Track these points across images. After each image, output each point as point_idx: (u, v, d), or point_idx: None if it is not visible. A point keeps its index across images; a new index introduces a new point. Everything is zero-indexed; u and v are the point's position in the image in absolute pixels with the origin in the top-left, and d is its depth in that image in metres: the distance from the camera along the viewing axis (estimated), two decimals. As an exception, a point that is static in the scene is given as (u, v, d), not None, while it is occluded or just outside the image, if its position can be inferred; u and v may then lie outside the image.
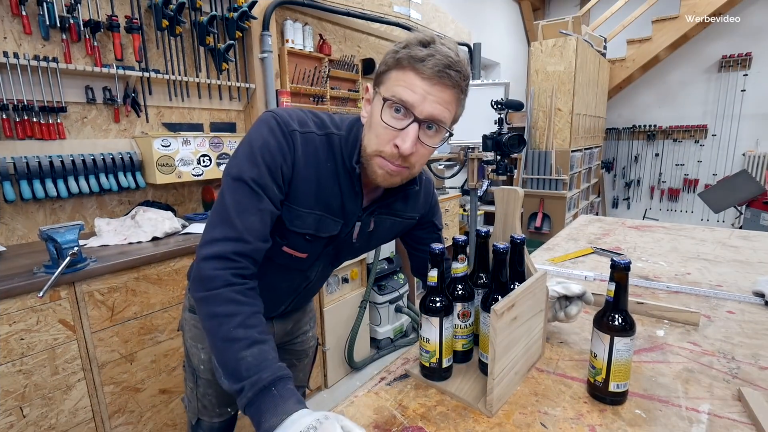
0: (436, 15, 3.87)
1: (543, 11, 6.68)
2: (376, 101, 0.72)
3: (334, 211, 0.80)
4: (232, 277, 0.67)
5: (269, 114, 0.74)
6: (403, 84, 0.67)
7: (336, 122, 0.80)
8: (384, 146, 0.71)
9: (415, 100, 0.67)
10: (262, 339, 0.65)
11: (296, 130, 0.74)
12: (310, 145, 0.75)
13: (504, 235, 0.82)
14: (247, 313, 0.66)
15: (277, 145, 0.71)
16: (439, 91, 0.67)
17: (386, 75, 0.70)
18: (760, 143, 5.32)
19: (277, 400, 0.60)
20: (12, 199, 1.53)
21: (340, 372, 2.46)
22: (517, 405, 0.71)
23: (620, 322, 0.67)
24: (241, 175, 0.70)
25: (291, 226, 0.78)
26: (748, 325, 0.98)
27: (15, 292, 1.17)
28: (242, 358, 0.62)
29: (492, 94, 2.41)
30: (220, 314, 0.65)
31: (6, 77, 1.52)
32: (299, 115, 0.76)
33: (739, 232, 1.80)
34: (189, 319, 1.00)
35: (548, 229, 4.30)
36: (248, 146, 0.72)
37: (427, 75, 0.66)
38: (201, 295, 0.67)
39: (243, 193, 0.70)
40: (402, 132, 0.69)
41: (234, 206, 0.69)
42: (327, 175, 0.77)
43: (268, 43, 2.28)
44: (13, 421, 1.20)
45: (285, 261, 0.84)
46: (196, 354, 1.00)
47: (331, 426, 0.54)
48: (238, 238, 0.68)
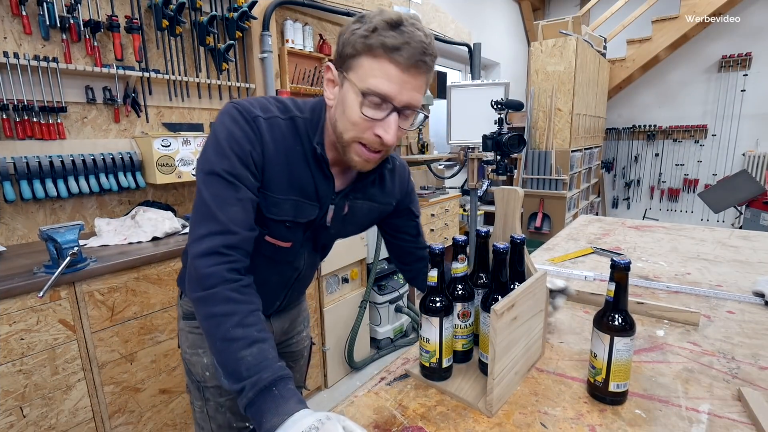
0: (436, 15, 3.87)
1: (543, 11, 6.67)
2: (347, 89, 0.69)
3: (308, 195, 0.80)
4: (227, 273, 0.67)
5: (230, 105, 0.74)
6: (379, 75, 0.65)
7: (299, 106, 0.80)
8: (363, 134, 0.70)
9: (394, 91, 0.66)
10: (262, 337, 0.65)
11: (259, 116, 0.73)
12: (276, 130, 0.75)
13: (504, 235, 0.82)
14: (245, 311, 0.66)
15: (243, 134, 0.71)
16: (414, 77, 0.67)
17: (356, 61, 0.67)
18: (760, 143, 5.32)
19: (279, 400, 0.59)
20: (12, 199, 1.53)
21: (340, 372, 2.46)
22: (517, 405, 0.71)
23: (620, 322, 0.67)
24: (214, 169, 0.69)
25: (269, 213, 0.77)
26: (748, 325, 0.98)
27: (15, 292, 1.17)
28: (242, 358, 0.62)
29: (492, 94, 2.41)
30: (218, 314, 0.64)
31: (6, 77, 1.52)
32: (261, 102, 0.76)
33: (739, 232, 1.80)
34: (184, 327, 0.97)
35: (548, 229, 4.30)
36: (214, 139, 0.71)
37: (403, 65, 0.64)
38: (198, 295, 0.67)
39: (219, 186, 0.69)
40: (383, 122, 0.68)
41: (213, 200, 0.69)
42: (297, 160, 0.77)
43: (268, 43, 2.28)
44: (13, 421, 1.20)
45: (271, 253, 0.84)
46: (198, 362, 0.96)
47: (333, 426, 0.54)
48: (224, 230, 0.68)
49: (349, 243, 2.38)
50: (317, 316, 2.27)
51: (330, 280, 2.32)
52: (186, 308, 0.97)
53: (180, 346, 1.01)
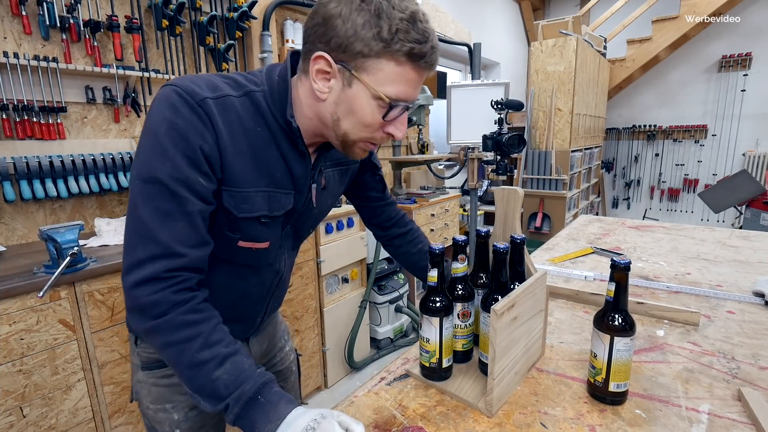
0: (436, 15, 3.87)
1: (543, 11, 6.67)
2: (359, 91, 0.61)
3: (280, 183, 0.70)
4: (174, 295, 0.58)
5: (167, 88, 0.60)
6: (402, 83, 0.61)
7: (251, 78, 0.68)
8: (375, 134, 0.66)
9: (410, 94, 0.64)
10: (231, 351, 0.60)
11: (207, 97, 0.60)
12: (230, 112, 0.63)
13: (504, 235, 0.82)
14: (207, 331, 0.59)
15: (188, 124, 0.58)
16: (424, 77, 0.65)
17: (373, 62, 0.59)
18: (760, 143, 5.32)
19: (267, 407, 0.57)
20: (12, 199, 1.53)
21: (340, 372, 2.46)
22: (517, 405, 0.71)
23: (620, 322, 0.67)
24: (153, 175, 0.57)
25: (241, 212, 0.66)
26: (748, 325, 0.98)
27: (15, 292, 1.17)
28: (217, 379, 0.57)
29: (492, 94, 2.41)
30: (178, 341, 0.58)
31: (6, 77, 1.52)
32: (207, 80, 0.63)
33: (739, 232, 1.80)
34: (145, 380, 0.81)
35: (548, 229, 4.30)
36: (151, 136, 0.59)
37: (423, 68, 0.62)
38: (148, 326, 0.58)
39: (160, 197, 0.58)
40: (396, 121, 0.66)
41: (152, 216, 0.58)
42: (261, 143, 0.66)
43: (268, 43, 2.28)
44: (13, 421, 1.20)
45: (248, 260, 0.74)
46: (165, 419, 0.81)
47: (328, 425, 0.53)
48: (167, 254, 0.58)
49: (349, 243, 2.38)
50: (317, 316, 2.27)
51: (330, 280, 2.32)
52: (145, 355, 0.80)
53: (137, 400, 0.85)
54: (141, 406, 0.84)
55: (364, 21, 0.57)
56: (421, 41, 0.59)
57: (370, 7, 0.57)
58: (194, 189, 0.60)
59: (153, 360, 0.80)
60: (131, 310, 0.60)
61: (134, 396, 0.86)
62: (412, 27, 0.58)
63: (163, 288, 0.58)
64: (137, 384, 0.83)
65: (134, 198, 0.59)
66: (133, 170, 0.60)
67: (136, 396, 0.85)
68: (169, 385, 0.80)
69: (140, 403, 0.84)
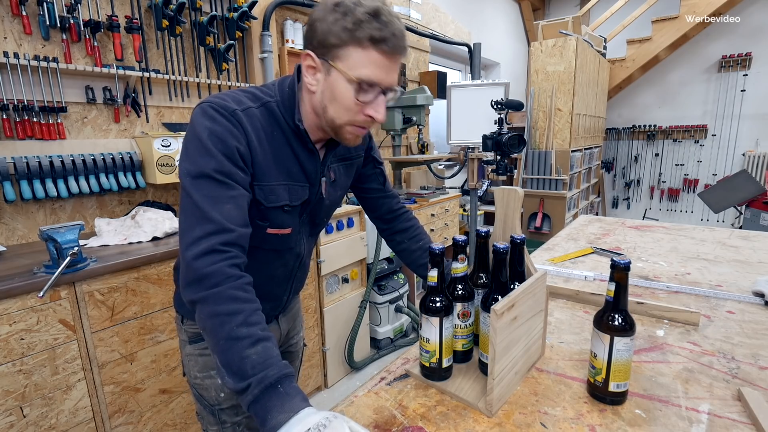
0: (436, 15, 3.87)
1: (543, 11, 6.67)
2: (336, 78, 0.72)
3: (296, 177, 0.83)
4: (229, 269, 0.66)
5: (204, 104, 0.73)
6: (368, 65, 0.70)
7: (266, 91, 0.82)
8: (356, 117, 0.75)
9: (382, 77, 0.72)
10: (265, 336, 0.65)
11: (236, 109, 0.74)
12: (254, 120, 0.76)
13: (504, 235, 0.82)
14: (249, 310, 0.65)
15: (225, 129, 0.71)
16: (396, 62, 0.73)
17: (343, 51, 0.70)
18: (760, 143, 5.32)
19: (284, 398, 0.59)
20: (12, 199, 1.53)
21: (340, 372, 2.46)
22: (517, 405, 0.71)
23: (620, 322, 0.67)
24: (202, 171, 0.69)
25: (269, 202, 0.79)
26: (748, 325, 0.98)
27: (15, 292, 1.17)
28: (247, 356, 0.62)
29: (492, 94, 2.41)
30: (222, 313, 0.64)
31: (6, 77, 1.52)
32: (233, 96, 0.77)
33: (739, 232, 1.80)
34: (192, 352, 0.94)
35: (548, 229, 4.30)
36: (196, 141, 0.71)
37: (389, 53, 0.71)
38: (202, 295, 0.65)
39: (210, 187, 0.69)
40: (373, 104, 0.75)
41: (204, 201, 0.68)
42: (278, 145, 0.79)
43: (268, 43, 2.28)
44: (13, 421, 1.20)
45: (273, 245, 0.86)
46: (211, 384, 0.93)
47: (339, 425, 0.54)
48: (221, 229, 0.67)
49: (349, 243, 2.38)
50: (317, 316, 2.27)
51: (330, 280, 2.32)
52: (191, 331, 0.94)
53: (186, 373, 0.97)
54: (190, 378, 0.96)
55: (335, 19, 0.69)
56: (381, 28, 0.69)
57: (341, 8, 0.69)
58: (235, 179, 0.71)
59: (198, 334, 0.92)
60: (190, 282, 0.66)
61: (184, 370, 0.98)
62: (373, 18, 0.69)
63: (220, 260, 0.66)
64: (186, 357, 0.96)
65: (186, 189, 0.69)
66: (182, 169, 0.71)
67: (186, 369, 0.97)
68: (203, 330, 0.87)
69: (189, 375, 0.96)
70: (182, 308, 0.95)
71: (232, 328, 0.63)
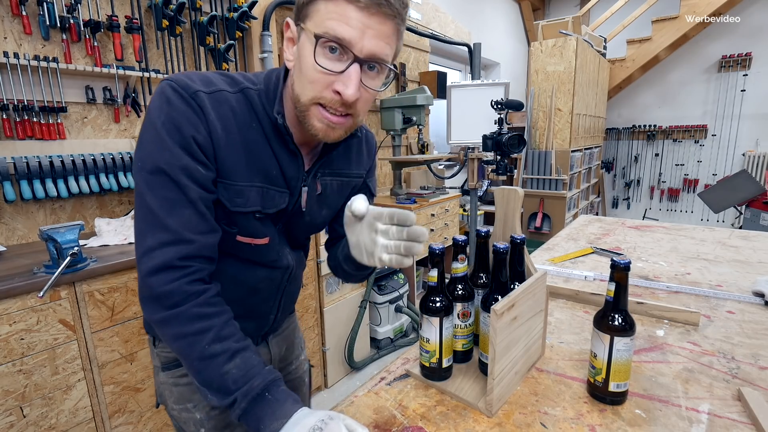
0: (436, 15, 3.87)
1: (543, 11, 6.67)
2: (303, 40, 0.60)
3: (274, 180, 0.69)
4: (188, 286, 0.59)
5: (164, 82, 0.62)
6: (336, 17, 0.56)
7: (250, 78, 0.69)
8: (322, 92, 0.60)
9: (353, 36, 0.56)
10: (242, 347, 0.60)
11: (200, 90, 0.62)
12: (224, 106, 0.63)
13: (504, 235, 0.82)
14: (219, 324, 0.60)
15: (181, 115, 0.60)
16: (379, 23, 0.57)
17: (312, 6, 0.58)
18: (760, 143, 5.32)
19: (274, 405, 0.57)
20: (12, 199, 1.53)
21: (340, 372, 2.46)
22: (517, 405, 0.71)
23: (620, 322, 0.67)
24: (156, 166, 0.59)
25: (234, 206, 0.66)
26: (748, 325, 0.98)
27: (15, 292, 1.17)
28: (226, 373, 0.58)
29: (492, 94, 2.41)
30: (189, 333, 0.58)
31: (6, 77, 1.52)
32: (202, 76, 0.64)
33: (739, 232, 1.80)
34: (166, 381, 0.82)
35: (548, 229, 4.30)
36: (150, 128, 0.60)
37: (363, 3, 0.55)
38: (161, 316, 0.59)
39: (165, 187, 0.59)
40: (342, 75, 0.59)
41: (159, 205, 0.59)
42: (254, 139, 0.66)
43: (268, 43, 2.28)
44: (13, 421, 1.20)
45: (250, 255, 0.74)
46: (189, 418, 0.81)
47: (336, 426, 0.53)
48: (177, 240, 0.59)
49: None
50: (317, 316, 2.27)
51: (330, 280, 2.32)
52: (164, 355, 0.81)
53: (161, 402, 0.85)
54: (167, 409, 0.84)
55: None
56: None
57: None
58: (194, 177, 0.61)
59: (172, 359, 0.80)
60: (146, 300, 0.60)
61: (159, 399, 0.85)
62: None
63: (177, 278, 0.59)
64: (160, 386, 0.83)
65: (140, 188, 0.61)
66: (137, 162, 0.61)
67: (161, 399, 0.84)
68: (189, 383, 0.80)
69: (166, 405, 0.83)
70: (152, 329, 0.82)
71: (204, 347, 0.58)
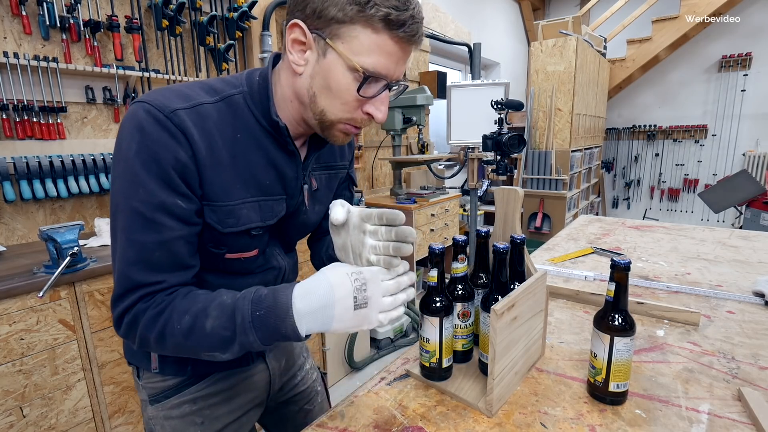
0: (436, 15, 3.87)
1: (543, 11, 6.67)
2: (333, 61, 0.58)
3: (270, 190, 0.67)
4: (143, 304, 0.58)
5: (135, 105, 0.57)
6: (377, 52, 0.56)
7: (230, 81, 0.65)
8: (354, 113, 0.62)
9: (391, 69, 0.59)
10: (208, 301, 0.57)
11: (179, 108, 0.57)
12: (207, 121, 0.59)
13: (504, 235, 0.82)
14: (177, 304, 0.58)
15: (156, 143, 0.55)
16: (408, 52, 0.60)
17: (347, 29, 0.55)
18: (760, 143, 5.32)
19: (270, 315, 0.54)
20: (12, 199, 1.53)
21: (340, 372, 2.46)
22: (517, 405, 0.71)
23: (620, 322, 0.67)
24: (129, 204, 0.56)
25: (225, 227, 0.63)
26: (748, 325, 0.98)
27: (15, 292, 1.17)
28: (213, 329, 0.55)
29: (492, 94, 2.41)
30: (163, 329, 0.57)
31: (6, 77, 1.52)
32: (178, 90, 0.60)
33: (739, 232, 1.80)
34: (156, 415, 0.76)
35: (548, 229, 4.30)
36: (121, 162, 0.56)
37: (405, 40, 0.57)
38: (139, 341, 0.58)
39: (132, 228, 0.56)
40: (375, 100, 0.61)
41: (125, 249, 0.57)
42: (244, 149, 0.63)
43: (268, 43, 2.28)
44: (13, 421, 1.20)
45: (238, 268, 0.71)
46: None
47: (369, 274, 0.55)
48: (142, 284, 0.57)
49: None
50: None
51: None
52: (151, 387, 0.76)
53: None
54: None
55: None
56: (399, 8, 0.55)
57: None
58: (173, 213, 0.57)
59: (159, 390, 0.75)
60: (125, 338, 0.61)
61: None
62: None
63: (136, 310, 0.58)
64: (149, 422, 0.78)
65: (113, 229, 0.59)
66: (111, 200, 0.59)
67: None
68: (181, 415, 0.76)
69: None
70: (134, 358, 0.76)
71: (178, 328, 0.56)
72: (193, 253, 0.62)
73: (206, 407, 0.77)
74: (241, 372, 0.82)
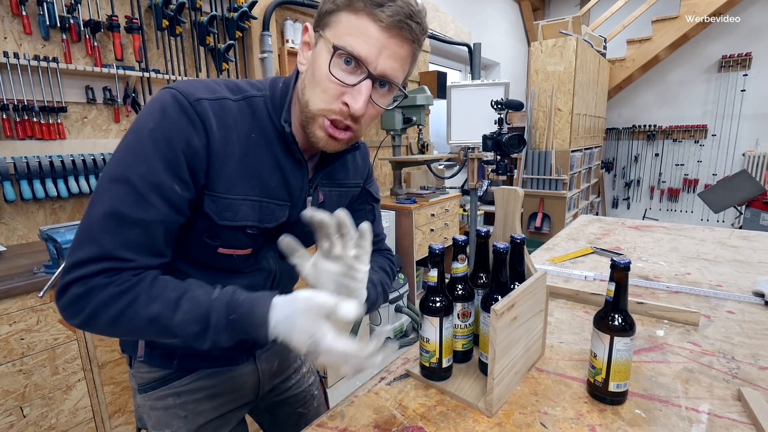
0: (436, 15, 3.87)
1: (543, 11, 6.67)
2: (320, 48, 0.60)
3: (275, 193, 0.67)
4: (106, 278, 0.54)
5: (165, 90, 0.59)
6: (356, 32, 0.57)
7: (255, 84, 0.67)
8: (331, 103, 0.60)
9: (370, 54, 0.57)
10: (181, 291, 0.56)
11: (203, 98, 0.59)
12: (227, 115, 0.61)
13: (504, 235, 0.82)
14: (146, 288, 0.55)
15: (175, 125, 0.56)
16: (397, 45, 0.59)
17: (334, 16, 0.58)
18: (760, 143, 5.32)
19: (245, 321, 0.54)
20: (12, 199, 1.53)
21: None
22: (517, 405, 0.71)
23: (620, 322, 0.67)
24: (125, 174, 0.54)
25: (221, 219, 0.63)
26: (748, 325, 0.98)
27: (15, 292, 1.18)
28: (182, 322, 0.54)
29: (492, 94, 2.41)
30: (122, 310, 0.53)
31: (6, 77, 1.52)
32: (206, 83, 0.62)
33: (739, 232, 1.80)
34: (143, 404, 0.78)
35: (548, 229, 4.30)
36: (134, 135, 0.56)
37: (385, 24, 0.56)
38: (83, 318, 0.53)
39: (122, 199, 0.54)
40: (353, 88, 0.59)
41: (105, 217, 0.53)
42: (256, 150, 0.64)
43: (268, 43, 2.28)
44: (13, 421, 1.20)
45: (228, 265, 0.70)
46: None
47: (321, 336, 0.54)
48: (109, 256, 0.53)
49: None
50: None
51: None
52: (140, 377, 0.77)
53: (142, 427, 0.81)
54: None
55: None
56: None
57: None
58: (167, 196, 0.56)
59: (147, 381, 0.76)
60: (62, 308, 0.54)
61: (139, 423, 0.81)
62: None
63: (94, 283, 0.53)
64: (138, 409, 0.81)
65: (96, 195, 0.56)
66: (106, 167, 0.57)
67: (140, 422, 0.81)
68: (165, 407, 0.77)
69: (146, 429, 0.80)
70: (127, 348, 0.77)
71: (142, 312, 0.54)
72: (170, 242, 0.61)
73: (190, 402, 0.78)
74: (229, 371, 0.81)
